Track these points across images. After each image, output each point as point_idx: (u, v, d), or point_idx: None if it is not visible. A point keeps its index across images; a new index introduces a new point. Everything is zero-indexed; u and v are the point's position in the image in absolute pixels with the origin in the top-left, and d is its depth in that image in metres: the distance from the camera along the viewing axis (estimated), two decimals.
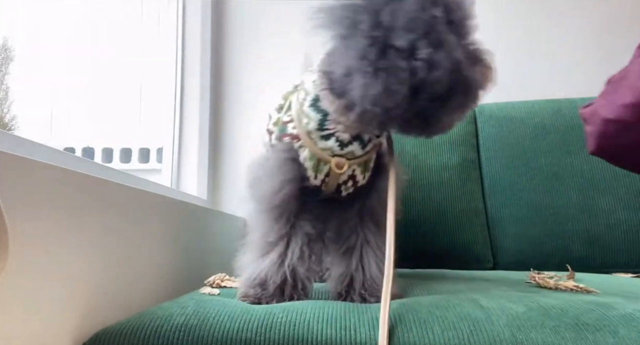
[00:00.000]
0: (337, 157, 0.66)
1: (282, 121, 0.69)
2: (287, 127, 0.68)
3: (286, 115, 0.69)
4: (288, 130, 0.68)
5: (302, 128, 0.66)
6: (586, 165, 1.21)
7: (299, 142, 0.67)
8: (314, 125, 0.66)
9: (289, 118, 0.69)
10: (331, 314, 0.56)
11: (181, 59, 1.46)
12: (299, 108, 0.67)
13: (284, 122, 0.69)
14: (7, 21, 1.23)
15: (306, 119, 0.66)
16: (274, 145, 0.70)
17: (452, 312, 0.56)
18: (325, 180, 0.68)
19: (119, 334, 0.54)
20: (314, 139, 0.66)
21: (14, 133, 0.60)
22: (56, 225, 0.53)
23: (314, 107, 0.66)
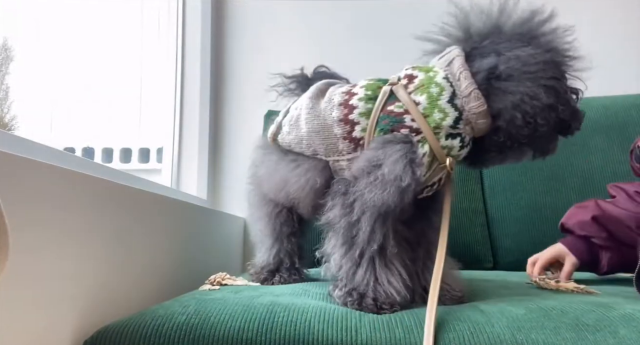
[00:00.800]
0: (450, 157, 0.66)
1: (391, 110, 0.66)
2: (404, 119, 0.65)
3: (395, 106, 0.66)
4: (406, 122, 0.65)
5: (430, 121, 0.65)
6: (586, 165, 1.21)
7: (419, 136, 0.65)
8: (449, 122, 0.65)
9: (401, 109, 0.66)
10: (332, 315, 0.56)
11: (181, 59, 1.46)
12: (433, 102, 0.65)
13: (395, 112, 0.66)
14: (7, 21, 1.23)
15: (441, 114, 0.64)
16: (388, 139, 0.65)
17: (452, 315, 0.56)
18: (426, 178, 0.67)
19: (120, 332, 0.54)
20: (438, 135, 0.65)
21: (14, 133, 0.60)
22: (56, 225, 0.53)
23: (451, 104, 0.65)
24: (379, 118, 0.67)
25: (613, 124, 1.24)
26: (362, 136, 0.68)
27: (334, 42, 1.54)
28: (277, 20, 1.56)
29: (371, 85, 0.71)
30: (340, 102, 0.71)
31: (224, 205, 1.49)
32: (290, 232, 0.84)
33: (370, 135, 0.67)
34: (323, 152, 0.72)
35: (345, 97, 0.71)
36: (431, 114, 0.65)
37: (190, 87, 1.46)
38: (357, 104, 0.69)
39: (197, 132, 1.44)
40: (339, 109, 0.70)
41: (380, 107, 0.68)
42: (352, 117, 0.69)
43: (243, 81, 1.55)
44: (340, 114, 0.70)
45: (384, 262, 0.63)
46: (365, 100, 0.69)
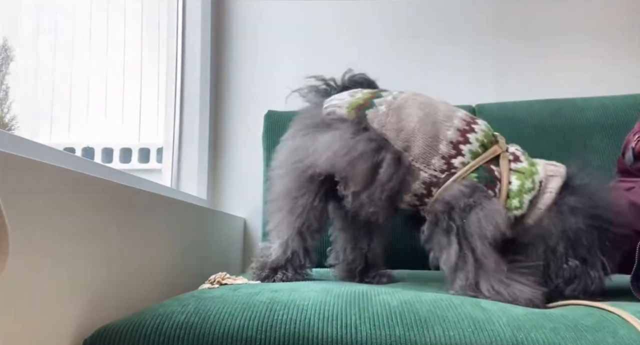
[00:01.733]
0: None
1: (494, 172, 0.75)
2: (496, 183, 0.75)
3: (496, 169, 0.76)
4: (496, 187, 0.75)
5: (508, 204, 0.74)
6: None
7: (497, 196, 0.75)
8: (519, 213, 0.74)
9: (499, 175, 0.76)
10: (332, 312, 0.56)
11: (181, 59, 1.46)
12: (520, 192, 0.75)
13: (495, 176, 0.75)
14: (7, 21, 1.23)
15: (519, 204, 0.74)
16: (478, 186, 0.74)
17: (453, 313, 0.56)
18: None
19: (120, 331, 0.54)
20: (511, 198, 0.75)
21: (14, 133, 0.61)
22: (56, 225, 0.53)
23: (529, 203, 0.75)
24: (481, 167, 0.75)
25: (613, 124, 1.24)
26: (459, 167, 0.74)
27: (335, 42, 1.55)
28: (277, 20, 1.56)
29: (488, 134, 0.79)
30: (459, 127, 0.77)
31: (224, 205, 1.49)
32: (317, 228, 0.83)
33: (464, 172, 0.74)
34: (415, 154, 0.75)
35: (465, 126, 0.77)
36: (513, 198, 0.73)
37: (190, 87, 1.46)
38: (473, 140, 0.76)
39: (197, 132, 1.44)
40: (456, 132, 0.76)
41: (486, 159, 0.75)
42: (462, 147, 0.75)
43: (243, 81, 1.55)
44: (455, 138, 0.76)
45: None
46: (480, 143, 0.76)
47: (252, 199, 1.46)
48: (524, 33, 1.50)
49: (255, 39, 1.56)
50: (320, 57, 1.55)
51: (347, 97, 0.83)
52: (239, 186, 1.50)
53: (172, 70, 1.46)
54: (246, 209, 1.48)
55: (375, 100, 0.80)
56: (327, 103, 0.85)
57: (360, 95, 0.83)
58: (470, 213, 0.71)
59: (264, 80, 1.54)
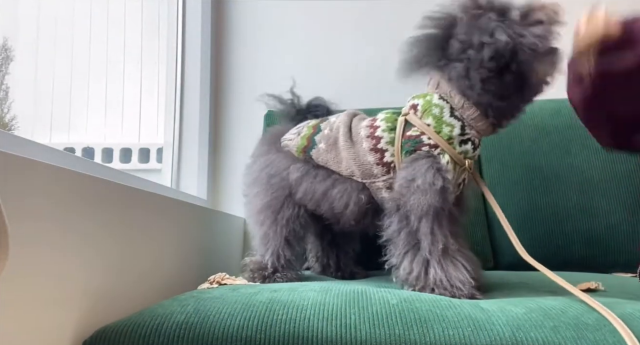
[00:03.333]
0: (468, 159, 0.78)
1: (410, 135, 0.79)
2: (422, 139, 0.78)
3: (412, 131, 0.79)
4: (424, 141, 0.78)
5: (443, 135, 0.77)
6: (586, 165, 1.21)
7: (438, 149, 0.77)
8: (457, 131, 0.78)
9: (417, 132, 0.79)
10: (331, 311, 0.56)
11: (181, 59, 1.46)
12: (438, 120, 0.78)
13: (413, 136, 0.79)
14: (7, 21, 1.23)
15: (449, 127, 0.78)
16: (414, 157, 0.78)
17: (452, 312, 0.56)
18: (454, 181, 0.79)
19: (120, 332, 0.54)
20: (453, 144, 0.77)
21: (14, 133, 0.61)
22: (56, 225, 0.53)
23: (454, 117, 0.78)
24: (402, 143, 0.80)
25: None
26: (392, 160, 0.81)
27: (335, 42, 1.54)
28: (277, 20, 1.56)
29: (389, 118, 0.84)
30: (367, 134, 0.83)
31: (224, 205, 1.49)
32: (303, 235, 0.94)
33: (398, 158, 0.80)
34: (360, 175, 0.83)
35: (370, 130, 0.84)
36: (441, 129, 0.78)
37: (190, 87, 1.46)
38: (382, 134, 0.82)
39: (197, 132, 1.44)
40: (367, 140, 0.83)
41: (400, 134, 0.80)
42: (380, 146, 0.82)
43: (243, 81, 1.55)
44: (370, 145, 0.82)
45: (450, 259, 0.74)
46: (388, 130, 0.82)
47: None
48: None
49: (255, 39, 1.56)
50: (320, 57, 1.55)
51: (296, 136, 0.92)
52: (239, 186, 1.49)
53: (172, 71, 1.46)
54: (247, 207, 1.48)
55: (315, 138, 0.89)
56: (282, 139, 0.95)
57: (305, 133, 0.91)
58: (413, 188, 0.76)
59: (264, 81, 1.54)
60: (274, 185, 0.90)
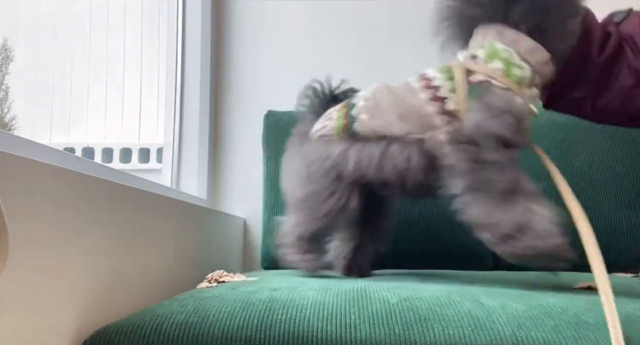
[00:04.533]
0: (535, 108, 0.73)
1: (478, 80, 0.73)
2: (491, 82, 0.72)
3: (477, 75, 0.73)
4: (495, 84, 0.72)
5: (513, 78, 0.71)
6: (586, 165, 1.21)
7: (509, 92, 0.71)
8: (528, 74, 0.72)
9: (483, 77, 0.72)
10: (331, 311, 0.56)
11: (181, 59, 1.46)
12: (508, 62, 0.72)
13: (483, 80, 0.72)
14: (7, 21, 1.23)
15: (520, 70, 0.72)
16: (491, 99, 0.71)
17: (452, 310, 0.56)
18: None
19: (120, 332, 0.54)
20: (523, 88, 0.72)
21: (14, 133, 0.61)
22: (56, 225, 0.53)
23: (524, 60, 0.73)
24: (470, 88, 0.73)
25: None
26: (456, 108, 0.73)
27: (335, 42, 1.55)
28: (277, 20, 1.56)
29: (443, 69, 0.76)
30: (422, 86, 0.76)
31: (224, 205, 1.49)
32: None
33: (463, 105, 0.72)
34: (418, 129, 0.75)
35: (423, 82, 0.77)
36: (511, 72, 0.72)
37: (190, 87, 1.46)
38: (441, 83, 0.75)
39: (197, 132, 1.44)
40: (424, 91, 0.75)
41: (463, 80, 0.73)
42: (439, 94, 0.74)
43: (243, 81, 1.55)
44: (429, 94, 0.75)
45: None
46: (447, 79, 0.75)
47: (252, 199, 1.46)
48: None
49: (256, 39, 1.56)
50: (320, 57, 1.55)
51: (328, 121, 0.85)
52: (239, 186, 1.50)
53: (172, 70, 1.46)
54: (246, 209, 1.48)
55: (352, 113, 0.81)
56: (313, 131, 0.87)
57: (337, 114, 0.84)
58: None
59: (264, 80, 1.54)
60: (315, 172, 0.82)
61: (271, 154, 1.32)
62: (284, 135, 1.34)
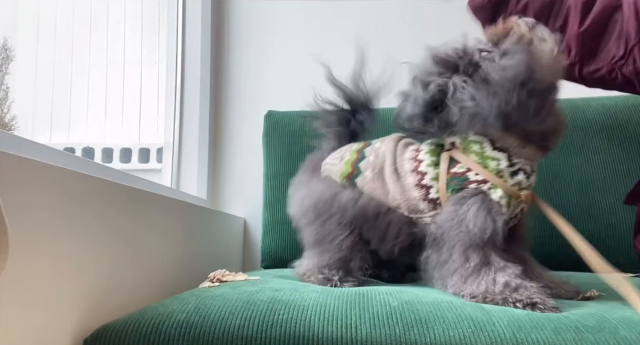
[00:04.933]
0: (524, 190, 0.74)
1: (455, 172, 0.75)
2: (468, 176, 0.74)
3: (457, 167, 0.76)
4: (471, 178, 0.74)
5: (491, 170, 0.73)
6: (586, 165, 1.21)
7: (487, 184, 0.73)
8: (504, 163, 0.73)
9: (463, 169, 0.75)
10: (332, 312, 0.56)
11: (181, 59, 1.46)
12: (481, 155, 0.74)
13: (459, 173, 0.75)
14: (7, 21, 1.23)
15: (494, 161, 0.74)
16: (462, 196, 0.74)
17: (453, 313, 0.56)
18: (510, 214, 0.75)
19: (120, 331, 0.54)
20: (504, 177, 0.73)
21: (14, 133, 0.61)
22: (56, 225, 0.53)
23: (497, 149, 0.74)
24: (448, 180, 0.76)
25: (613, 124, 1.24)
26: (438, 196, 0.77)
27: (335, 42, 1.54)
28: (277, 20, 1.56)
29: (433, 151, 0.80)
30: (411, 168, 0.80)
31: (224, 205, 1.49)
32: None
33: (443, 195, 0.76)
34: (406, 209, 0.79)
35: (414, 164, 0.80)
36: (487, 164, 0.74)
37: (190, 87, 1.46)
38: (426, 170, 0.79)
39: (197, 132, 1.44)
40: (412, 175, 0.79)
41: (445, 171, 0.76)
42: (424, 182, 0.78)
43: (243, 81, 1.55)
44: (415, 180, 0.79)
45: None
46: (432, 165, 0.78)
47: (252, 199, 1.46)
48: None
49: (256, 39, 1.56)
50: (321, 56, 1.54)
51: (338, 162, 0.88)
52: (239, 186, 1.50)
53: (172, 70, 1.46)
54: (246, 209, 1.48)
55: (360, 165, 0.85)
56: (324, 163, 0.91)
57: (348, 158, 0.87)
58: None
59: (264, 81, 1.54)
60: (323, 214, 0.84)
61: (271, 154, 1.32)
62: (284, 135, 1.34)
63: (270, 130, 1.34)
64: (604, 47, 0.81)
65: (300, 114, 1.37)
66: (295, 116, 1.36)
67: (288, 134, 1.33)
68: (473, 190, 0.73)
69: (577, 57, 0.82)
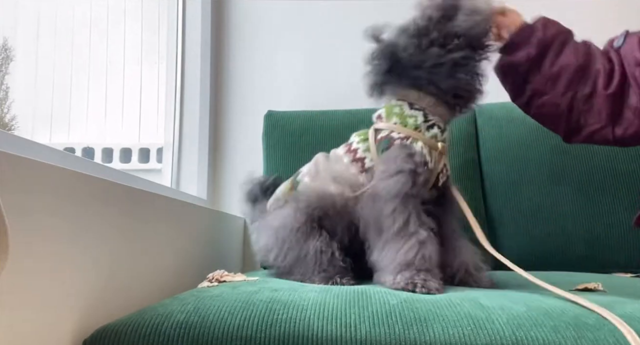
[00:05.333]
0: (441, 143, 0.84)
1: (381, 137, 0.85)
2: (392, 136, 0.84)
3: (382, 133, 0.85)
4: (395, 136, 0.83)
5: (410, 127, 0.83)
6: (586, 165, 1.21)
7: (409, 139, 0.82)
8: (421, 119, 0.84)
9: (386, 132, 0.85)
10: (332, 311, 0.56)
11: (181, 59, 1.46)
12: (401, 115, 0.85)
13: (383, 136, 0.85)
14: (7, 21, 1.23)
15: (412, 119, 0.84)
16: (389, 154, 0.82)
17: (452, 311, 0.56)
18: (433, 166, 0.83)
19: (120, 331, 0.54)
20: (422, 132, 0.83)
21: (14, 133, 0.61)
22: (56, 225, 0.53)
23: (414, 109, 0.85)
24: (377, 146, 0.85)
25: None
26: (373, 164, 0.85)
27: (335, 42, 1.55)
28: (277, 20, 1.56)
29: (360, 133, 0.90)
30: (344, 151, 0.89)
31: (224, 205, 1.49)
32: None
33: (377, 160, 0.84)
34: (349, 189, 0.85)
35: (346, 148, 0.90)
36: (406, 122, 0.84)
37: (190, 87, 1.46)
38: (357, 146, 0.88)
39: (197, 132, 1.44)
40: (346, 155, 0.88)
41: (373, 140, 0.86)
42: (358, 155, 0.87)
43: (243, 81, 1.55)
44: (350, 157, 0.87)
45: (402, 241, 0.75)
46: (362, 141, 0.88)
47: None
48: None
49: (255, 39, 1.56)
50: (320, 57, 1.55)
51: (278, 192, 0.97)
52: (239, 186, 1.50)
53: (172, 70, 1.46)
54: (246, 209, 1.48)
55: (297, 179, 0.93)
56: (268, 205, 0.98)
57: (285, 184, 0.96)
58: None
59: (264, 80, 1.54)
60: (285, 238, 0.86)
61: (271, 154, 1.32)
62: (284, 135, 1.34)
63: (270, 130, 1.34)
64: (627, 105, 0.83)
65: (300, 114, 1.37)
66: (295, 116, 1.36)
67: (288, 134, 1.33)
68: (397, 145, 0.82)
69: (608, 119, 0.84)
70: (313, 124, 1.33)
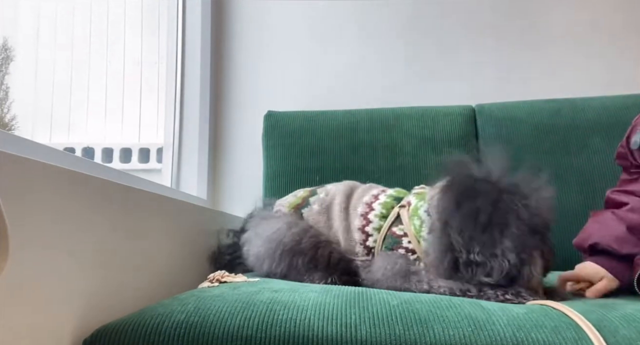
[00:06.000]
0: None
1: (394, 233, 0.83)
2: (402, 241, 0.82)
3: (397, 229, 0.83)
4: (404, 244, 0.82)
5: (423, 246, 0.79)
6: (586, 165, 1.21)
7: (415, 255, 0.80)
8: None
9: (401, 232, 0.83)
10: (332, 311, 0.56)
11: (181, 59, 1.46)
12: (418, 231, 0.81)
13: (398, 235, 0.83)
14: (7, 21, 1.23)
15: (425, 243, 0.79)
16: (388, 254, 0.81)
17: (453, 312, 0.56)
18: None
19: (120, 331, 0.54)
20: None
21: (14, 133, 0.60)
22: (56, 225, 0.53)
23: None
24: (385, 236, 0.84)
25: (613, 124, 1.24)
26: (374, 246, 0.85)
27: (335, 42, 1.55)
28: (277, 20, 1.56)
29: (386, 204, 0.88)
30: (361, 213, 0.88)
31: (224, 205, 1.49)
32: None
33: (378, 247, 0.84)
34: (344, 247, 0.87)
35: (366, 209, 0.88)
36: (420, 241, 0.80)
37: (190, 87, 1.46)
38: (373, 219, 0.86)
39: (197, 132, 1.44)
40: (359, 218, 0.87)
41: (387, 227, 0.84)
42: (367, 229, 0.86)
43: (243, 81, 1.55)
44: (360, 224, 0.87)
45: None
46: (380, 217, 0.86)
47: (252, 199, 1.46)
48: (524, 33, 1.50)
49: (255, 39, 1.56)
50: (320, 57, 1.55)
51: (291, 197, 0.97)
52: (239, 186, 1.50)
53: (172, 71, 1.46)
54: (246, 209, 1.48)
55: (310, 199, 0.93)
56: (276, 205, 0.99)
57: (301, 194, 0.96)
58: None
59: (264, 81, 1.54)
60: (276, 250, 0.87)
61: (271, 154, 1.32)
62: (284, 135, 1.34)
63: (270, 130, 1.34)
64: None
65: (300, 114, 1.37)
66: (295, 116, 1.36)
67: (288, 134, 1.33)
68: (400, 254, 0.80)
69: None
70: (313, 124, 1.33)
